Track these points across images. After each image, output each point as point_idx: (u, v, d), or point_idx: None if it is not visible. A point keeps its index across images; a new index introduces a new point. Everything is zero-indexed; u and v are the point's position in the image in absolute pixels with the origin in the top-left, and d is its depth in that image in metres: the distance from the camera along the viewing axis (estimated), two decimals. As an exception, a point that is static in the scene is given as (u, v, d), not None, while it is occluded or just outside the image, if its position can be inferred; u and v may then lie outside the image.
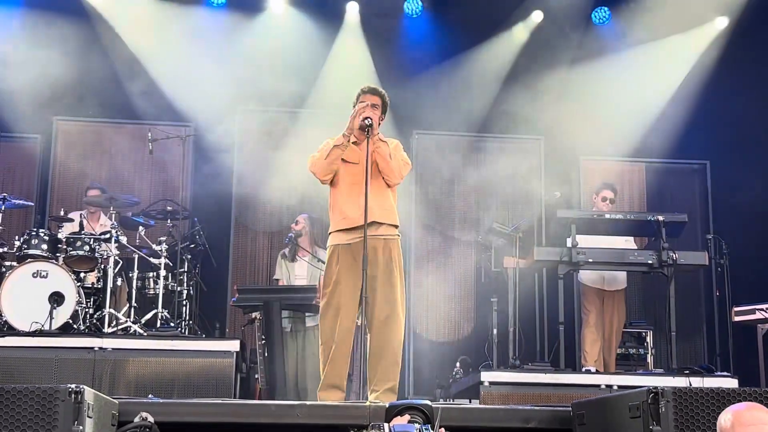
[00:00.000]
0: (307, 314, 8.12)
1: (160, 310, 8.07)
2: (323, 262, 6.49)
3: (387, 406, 4.77)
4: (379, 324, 5.83)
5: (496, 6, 10.74)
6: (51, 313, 7.31)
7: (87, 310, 7.79)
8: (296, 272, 8.57)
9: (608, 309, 8.54)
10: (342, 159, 6.02)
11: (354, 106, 6.11)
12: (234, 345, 7.27)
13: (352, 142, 6.07)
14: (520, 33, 10.78)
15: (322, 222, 8.31)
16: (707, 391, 4.07)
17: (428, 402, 4.74)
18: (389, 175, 5.98)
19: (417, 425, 4.46)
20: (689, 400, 4.04)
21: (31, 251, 7.78)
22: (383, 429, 4.38)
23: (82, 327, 7.59)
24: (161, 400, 5.39)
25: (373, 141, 5.92)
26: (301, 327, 8.21)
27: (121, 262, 8.18)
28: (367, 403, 5.07)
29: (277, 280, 8.71)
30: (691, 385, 6.85)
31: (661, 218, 7.99)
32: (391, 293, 5.88)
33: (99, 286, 7.99)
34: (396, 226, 6.06)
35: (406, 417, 4.55)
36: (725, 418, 3.32)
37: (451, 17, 10.78)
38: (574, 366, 8.88)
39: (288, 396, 7.69)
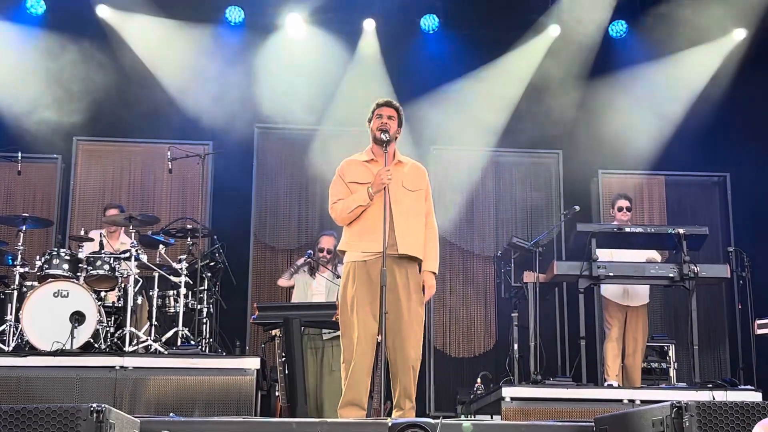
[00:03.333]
0: (323, 330, 8.11)
1: (181, 329, 8.06)
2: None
3: (390, 424, 4.81)
4: (397, 340, 5.79)
5: (512, 21, 10.77)
6: (72, 332, 7.32)
7: (108, 329, 7.80)
8: (314, 288, 8.57)
9: (631, 324, 8.47)
10: (357, 182, 6.00)
11: (369, 120, 6.09)
12: (254, 362, 7.25)
13: (370, 159, 6.05)
14: (537, 47, 10.77)
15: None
16: (731, 405, 4.04)
17: (430, 420, 4.83)
18: None
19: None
20: (713, 414, 4.02)
21: (52, 271, 7.82)
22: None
23: (103, 346, 7.61)
24: (182, 419, 5.40)
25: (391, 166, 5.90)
26: (319, 343, 8.20)
27: (142, 281, 8.19)
28: (388, 420, 5.05)
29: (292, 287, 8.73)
30: (714, 399, 6.79)
31: (681, 231, 7.94)
32: (408, 309, 5.83)
33: (119, 305, 8.01)
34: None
35: None
36: (756, 432, 3.29)
37: (467, 33, 10.80)
38: (595, 380, 8.82)
39: (309, 413, 7.67)
